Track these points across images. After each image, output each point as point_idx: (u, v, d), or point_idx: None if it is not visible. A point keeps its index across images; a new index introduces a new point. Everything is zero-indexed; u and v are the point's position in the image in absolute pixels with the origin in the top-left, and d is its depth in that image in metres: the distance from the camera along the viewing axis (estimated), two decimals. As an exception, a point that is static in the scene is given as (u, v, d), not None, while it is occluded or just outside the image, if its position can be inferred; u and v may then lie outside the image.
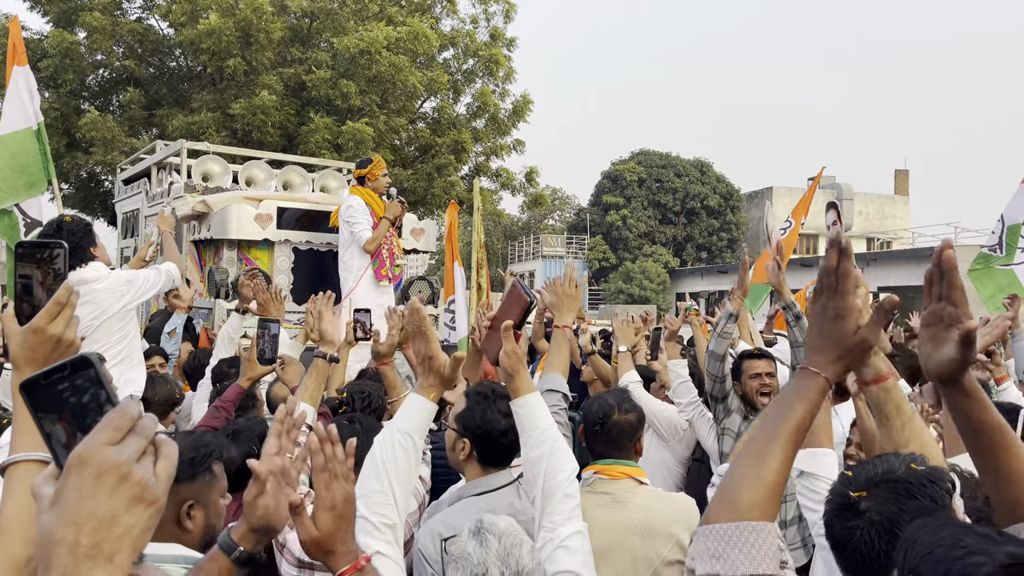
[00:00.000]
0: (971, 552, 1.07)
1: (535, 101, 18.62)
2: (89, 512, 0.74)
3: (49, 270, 1.43)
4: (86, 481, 0.75)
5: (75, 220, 3.72)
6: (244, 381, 3.65)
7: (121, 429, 0.78)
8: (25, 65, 5.40)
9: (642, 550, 2.50)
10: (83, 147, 15.85)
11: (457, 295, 5.18)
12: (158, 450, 0.81)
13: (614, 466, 2.64)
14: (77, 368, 0.83)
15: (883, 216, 44.81)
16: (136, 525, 0.76)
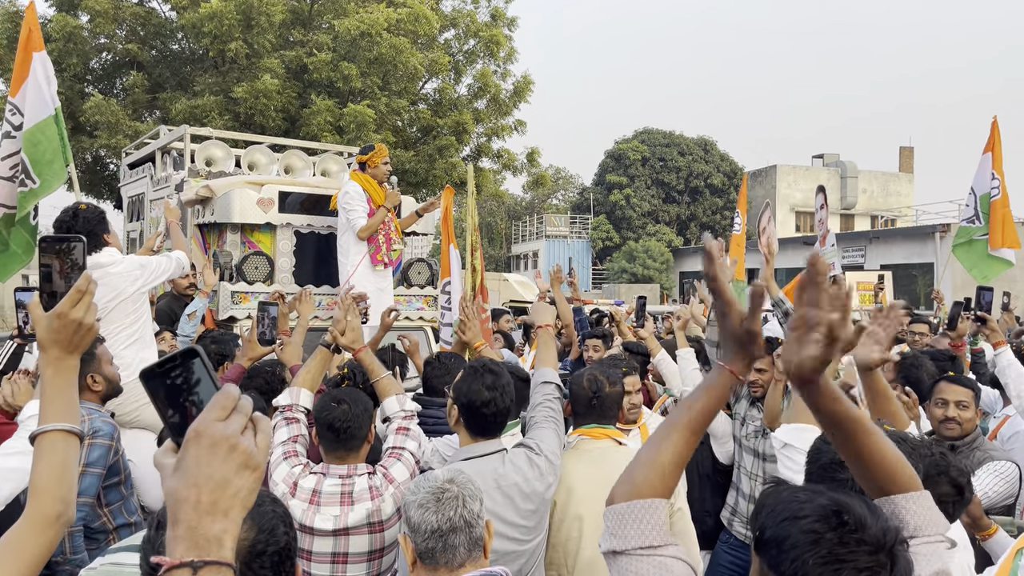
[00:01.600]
0: (801, 502, 1.29)
1: (537, 81, 18.67)
2: (207, 476, 0.91)
3: (67, 260, 1.59)
4: (203, 450, 0.92)
5: (90, 208, 3.89)
6: (245, 361, 3.81)
7: (227, 408, 0.94)
8: (43, 50, 5.48)
9: None
10: (88, 131, 15.98)
11: (452, 277, 5.33)
12: (256, 425, 0.97)
13: (596, 429, 2.94)
14: (187, 357, 1.00)
15: (887, 194, 44.70)
16: (244, 487, 0.93)
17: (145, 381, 1.00)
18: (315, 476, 2.77)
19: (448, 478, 1.98)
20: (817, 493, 1.32)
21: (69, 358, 1.55)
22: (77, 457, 1.53)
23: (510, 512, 2.55)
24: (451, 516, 1.90)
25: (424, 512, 1.91)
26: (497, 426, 2.70)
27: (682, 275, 40.48)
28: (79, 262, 1.60)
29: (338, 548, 2.67)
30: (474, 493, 1.96)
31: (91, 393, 3.14)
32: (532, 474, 2.63)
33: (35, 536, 1.40)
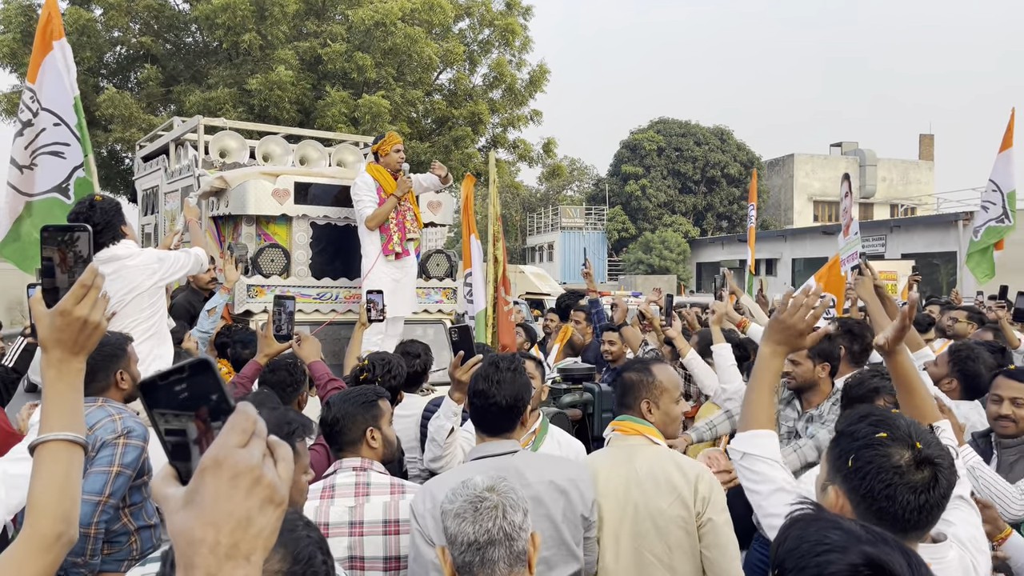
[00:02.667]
0: (829, 550, 1.14)
1: (552, 71, 18.47)
2: (227, 513, 0.77)
3: (70, 252, 1.44)
4: (223, 483, 0.77)
5: (106, 199, 3.80)
6: (261, 358, 3.69)
7: (247, 432, 0.80)
8: (63, 38, 5.40)
9: (644, 504, 2.55)
10: (102, 125, 15.95)
11: (474, 268, 5.19)
12: (274, 453, 0.83)
13: (627, 422, 2.74)
14: (196, 371, 0.84)
15: (907, 182, 44.15)
16: (267, 526, 0.79)
17: (144, 394, 0.84)
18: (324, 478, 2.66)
19: (488, 485, 1.83)
20: (851, 538, 1.15)
21: (74, 360, 1.40)
22: (80, 470, 1.38)
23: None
24: (489, 528, 1.76)
25: (461, 523, 1.77)
26: (491, 423, 2.57)
27: (699, 266, 40.17)
28: (83, 254, 1.45)
29: (354, 551, 2.54)
30: (516, 503, 1.81)
31: (117, 391, 3.05)
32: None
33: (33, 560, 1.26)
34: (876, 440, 1.59)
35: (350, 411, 2.70)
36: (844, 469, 1.61)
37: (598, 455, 2.81)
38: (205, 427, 0.83)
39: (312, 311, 5.78)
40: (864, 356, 3.79)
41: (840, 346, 3.67)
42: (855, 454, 1.59)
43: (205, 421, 0.84)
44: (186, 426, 0.84)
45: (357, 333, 4.49)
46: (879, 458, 1.56)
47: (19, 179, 5.37)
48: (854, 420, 1.66)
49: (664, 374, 2.80)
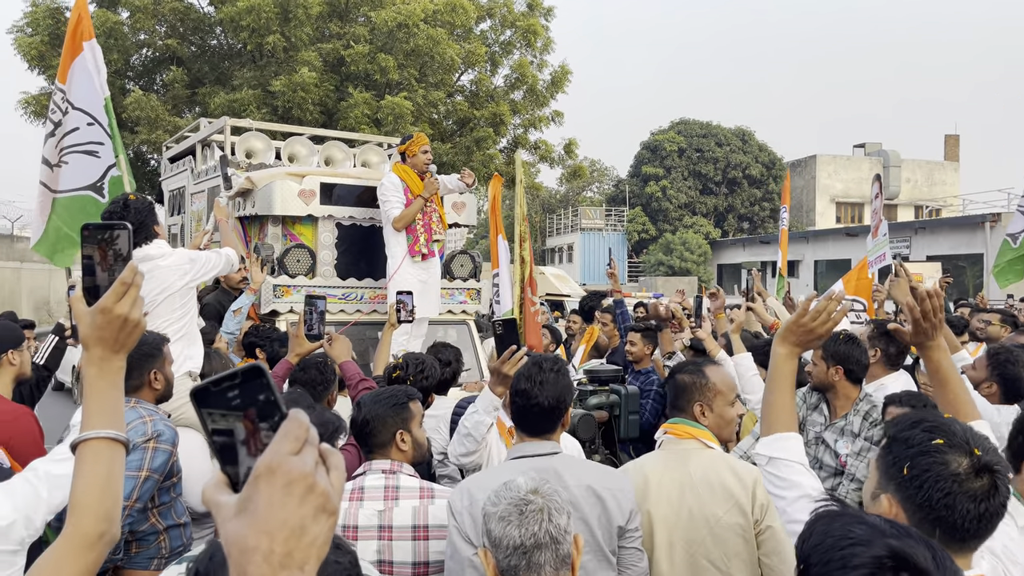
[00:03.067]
0: (853, 543, 1.13)
1: (573, 71, 18.43)
2: (281, 521, 0.75)
3: (110, 251, 1.44)
4: (276, 491, 0.76)
5: (140, 199, 3.81)
6: (293, 357, 3.70)
7: (300, 439, 0.79)
8: (93, 39, 5.44)
9: (699, 509, 2.49)
10: (129, 127, 16.11)
11: (501, 268, 5.16)
12: (326, 460, 0.81)
13: (680, 425, 2.67)
14: (248, 377, 0.83)
15: (932, 183, 43.62)
16: (321, 535, 0.78)
17: (196, 401, 0.83)
18: (353, 479, 2.65)
19: (532, 488, 1.81)
20: (876, 532, 1.15)
21: (114, 358, 1.40)
22: (122, 468, 1.38)
23: None
24: (535, 531, 1.74)
25: (506, 526, 1.75)
26: (533, 424, 2.54)
27: (720, 267, 39.92)
28: (123, 252, 1.45)
29: (383, 555, 2.53)
30: (561, 506, 1.79)
31: (150, 392, 3.06)
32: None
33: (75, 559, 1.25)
34: (932, 447, 1.54)
35: (380, 413, 2.69)
36: (898, 477, 1.56)
37: (649, 459, 2.73)
38: (253, 428, 0.82)
39: (337, 311, 5.80)
40: (900, 359, 3.72)
41: (863, 350, 3.56)
42: (910, 462, 1.55)
43: (253, 422, 0.82)
44: (233, 426, 0.83)
45: (387, 334, 4.48)
46: (936, 466, 1.52)
47: (49, 176, 5.43)
48: (906, 426, 1.62)
49: (718, 376, 2.73)
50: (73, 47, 5.36)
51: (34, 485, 1.95)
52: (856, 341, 3.54)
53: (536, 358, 2.61)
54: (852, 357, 3.48)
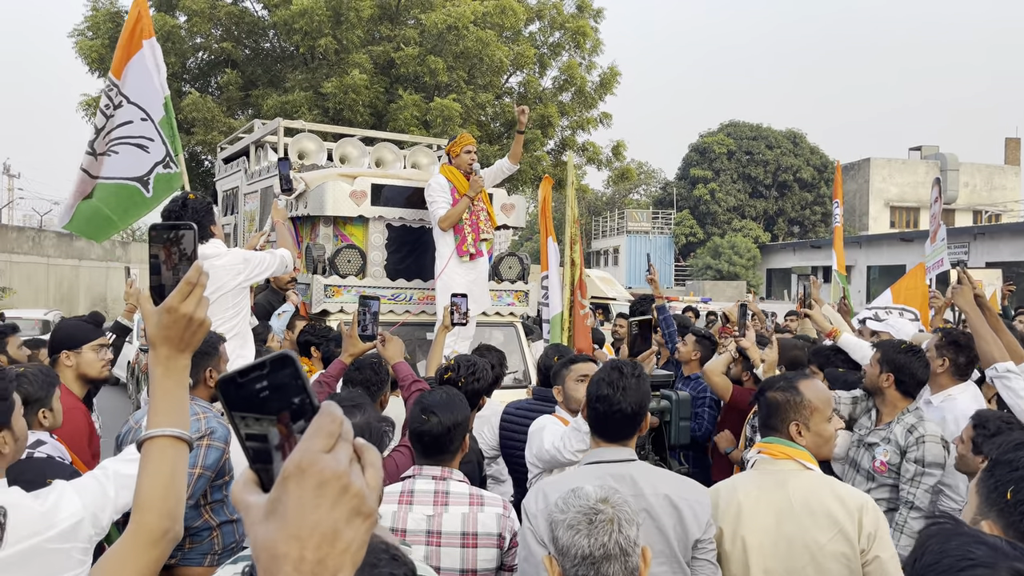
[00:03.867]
0: (976, 565, 1.06)
1: (622, 73, 18.32)
2: (312, 525, 0.70)
3: (175, 250, 1.45)
4: (307, 492, 0.71)
5: (198, 199, 3.88)
6: (346, 357, 3.71)
7: (333, 435, 0.73)
8: (152, 37, 5.55)
9: (800, 536, 2.36)
10: (185, 128, 16.47)
11: (551, 271, 5.13)
12: (362, 457, 0.76)
13: (775, 445, 2.52)
14: (277, 367, 0.78)
15: (992, 187, 42.35)
16: (356, 539, 0.72)
17: (222, 391, 0.77)
18: (402, 481, 2.64)
19: (602, 497, 1.76)
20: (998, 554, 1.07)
21: (180, 357, 1.41)
22: (186, 466, 1.39)
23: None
24: (605, 542, 1.69)
25: (574, 535, 1.70)
26: (614, 430, 2.48)
27: (769, 272, 39.29)
28: (188, 252, 1.46)
29: (430, 560, 2.52)
30: (631, 517, 1.75)
31: (204, 389, 3.10)
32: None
33: (139, 556, 1.26)
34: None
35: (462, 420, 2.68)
36: (1000, 503, 1.48)
37: (742, 480, 2.57)
38: (287, 432, 0.77)
39: (386, 312, 5.83)
40: (969, 369, 3.59)
41: (923, 364, 3.42)
42: (1015, 486, 1.46)
43: (287, 426, 0.77)
44: (267, 431, 0.77)
45: (440, 336, 4.47)
46: None
47: (92, 164, 5.53)
48: (1011, 448, 1.53)
49: (813, 391, 2.56)
50: (131, 44, 5.45)
51: (103, 484, 1.97)
52: (917, 354, 3.43)
53: (616, 363, 2.55)
54: (906, 368, 3.37)
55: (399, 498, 2.57)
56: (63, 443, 3.17)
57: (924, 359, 3.43)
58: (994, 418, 2.87)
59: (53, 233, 29.82)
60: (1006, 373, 3.22)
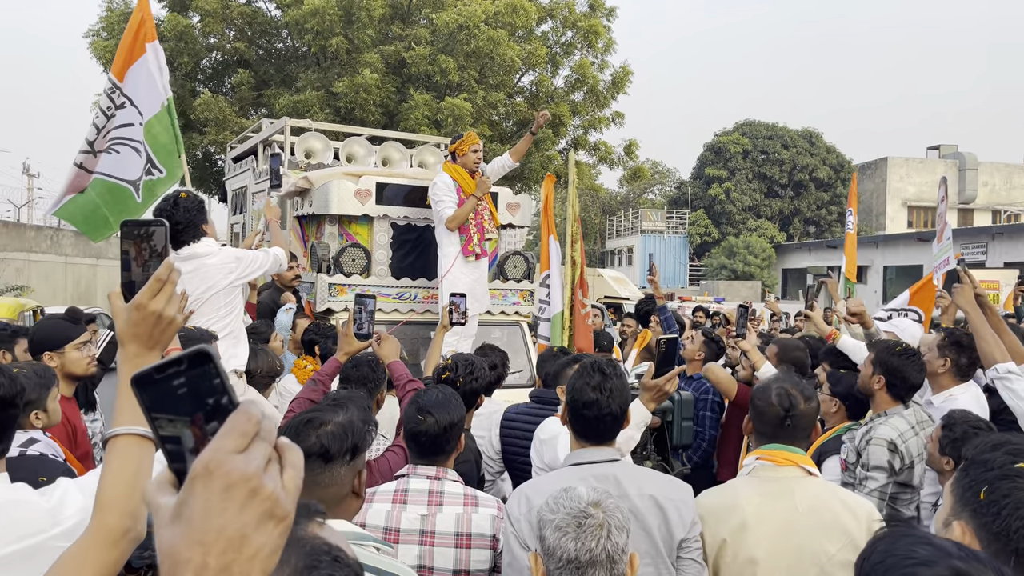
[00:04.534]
0: (916, 563, 1.09)
1: (634, 72, 18.24)
2: (218, 530, 0.67)
3: (145, 247, 1.44)
4: (213, 495, 0.68)
5: (190, 197, 3.87)
6: (341, 356, 3.70)
7: (247, 435, 0.70)
8: (155, 40, 5.57)
9: (808, 546, 2.32)
10: (198, 128, 16.57)
11: (552, 270, 5.09)
12: (283, 458, 0.73)
13: (779, 451, 2.46)
14: (194, 363, 0.75)
15: (1011, 187, 41.87)
16: (267, 544, 0.69)
17: (137, 388, 0.75)
18: (396, 480, 2.62)
19: (594, 500, 1.71)
20: (941, 553, 1.08)
21: (149, 354, 1.39)
22: (151, 466, 1.38)
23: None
24: (592, 547, 1.65)
25: (562, 537, 1.66)
26: (602, 432, 2.45)
27: (785, 272, 39.03)
28: (158, 249, 1.45)
29: (423, 560, 2.50)
30: (621, 524, 1.70)
31: None
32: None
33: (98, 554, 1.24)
34: (1014, 471, 1.43)
35: (458, 420, 2.65)
36: (974, 503, 1.45)
37: (742, 489, 2.49)
38: (201, 435, 0.73)
39: (391, 310, 5.83)
40: (971, 370, 3.53)
41: (916, 369, 3.35)
42: (988, 486, 1.44)
43: (201, 428, 0.74)
44: (181, 432, 0.74)
45: (439, 336, 4.46)
46: (1017, 491, 1.41)
47: (89, 160, 5.56)
48: (987, 448, 1.51)
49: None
50: (134, 47, 5.47)
51: None
52: (912, 357, 3.35)
53: (596, 365, 2.49)
54: (899, 371, 3.29)
55: (393, 497, 2.56)
56: (56, 440, 3.17)
57: (919, 363, 3.35)
58: (961, 420, 2.81)
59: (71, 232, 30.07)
60: (1007, 374, 3.17)
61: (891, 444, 3.16)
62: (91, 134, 5.57)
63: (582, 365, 2.51)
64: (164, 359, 0.75)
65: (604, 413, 2.40)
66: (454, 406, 2.69)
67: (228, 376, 0.77)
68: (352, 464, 1.98)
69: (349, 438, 1.98)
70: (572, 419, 2.47)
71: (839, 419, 3.85)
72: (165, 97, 5.49)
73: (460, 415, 2.71)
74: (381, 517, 2.51)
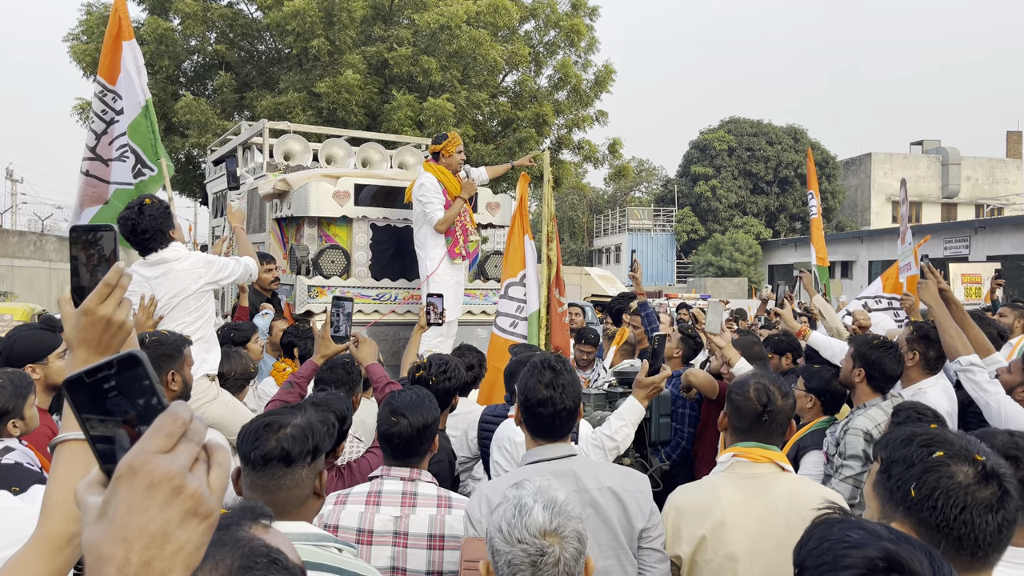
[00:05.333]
0: (848, 546, 1.12)
1: (619, 71, 18.28)
2: (140, 527, 0.70)
3: (93, 252, 1.43)
4: (136, 493, 0.71)
5: (154, 203, 3.84)
6: (318, 358, 3.69)
7: (173, 436, 0.73)
8: (132, 39, 5.54)
9: (788, 541, 2.33)
10: (180, 131, 16.47)
11: (528, 269, 5.10)
12: (211, 457, 0.76)
13: (755, 448, 2.48)
14: (125, 366, 0.77)
15: (994, 181, 42.21)
16: (190, 541, 0.72)
17: (69, 392, 0.77)
18: (370, 482, 2.61)
19: (551, 527, 1.62)
20: (872, 536, 1.13)
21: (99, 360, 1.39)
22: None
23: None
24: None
25: (515, 573, 1.61)
26: (557, 428, 2.46)
27: (771, 268, 39.20)
28: (106, 253, 1.43)
29: (396, 562, 2.49)
30: (577, 551, 1.64)
31: (167, 392, 3.06)
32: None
33: (43, 560, 1.22)
34: (935, 461, 1.45)
35: (432, 421, 2.64)
36: (906, 501, 1.46)
37: (720, 485, 2.48)
38: (135, 434, 0.76)
39: (371, 312, 5.82)
40: (939, 363, 3.58)
41: (895, 360, 3.45)
42: (916, 481, 1.45)
43: (135, 427, 0.77)
44: (114, 432, 0.77)
45: (416, 336, 4.47)
46: (944, 480, 1.42)
47: (98, 168, 5.55)
48: (899, 445, 1.52)
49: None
50: (116, 48, 5.46)
51: None
52: (890, 349, 3.44)
53: (546, 361, 2.50)
54: (877, 364, 3.40)
55: (367, 498, 2.55)
56: (32, 448, 3.15)
57: (896, 354, 3.45)
58: (908, 407, 2.86)
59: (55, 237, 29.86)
60: (969, 366, 3.24)
61: (867, 434, 3.24)
62: (91, 140, 5.56)
63: (532, 363, 2.50)
64: (95, 363, 0.78)
65: (559, 409, 2.40)
66: (428, 407, 2.68)
67: (157, 379, 0.79)
68: (313, 465, 1.98)
69: (309, 440, 1.98)
70: (526, 418, 2.46)
71: (814, 415, 3.88)
72: (144, 98, 5.48)
73: (434, 416, 2.70)
74: (354, 519, 2.50)
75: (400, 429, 2.60)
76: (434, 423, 2.69)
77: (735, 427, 2.55)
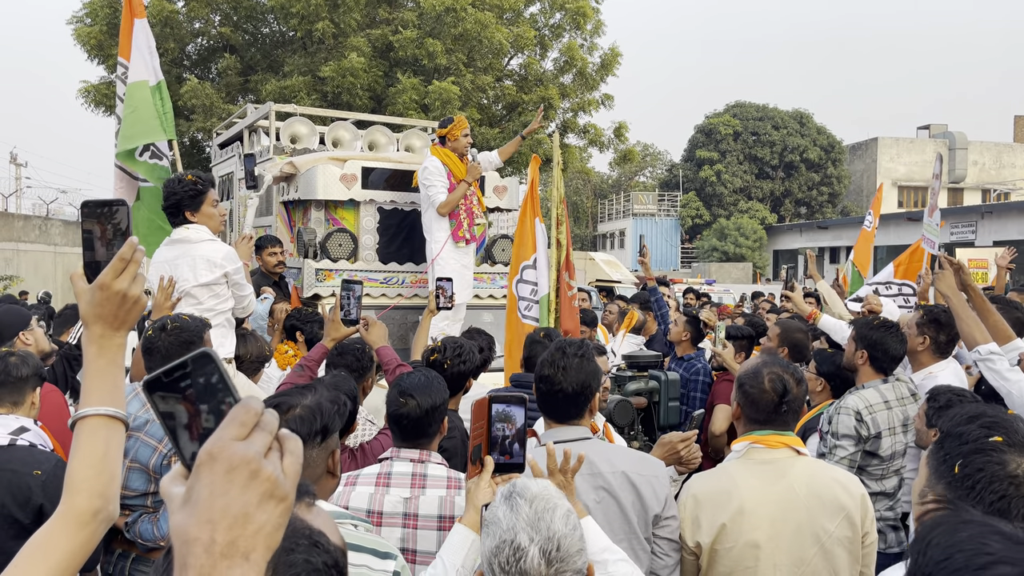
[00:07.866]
0: (997, 561, 0.93)
1: (624, 54, 18.16)
2: (222, 509, 0.74)
3: (109, 226, 1.42)
4: (217, 477, 0.75)
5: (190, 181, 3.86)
6: (328, 342, 3.69)
7: (247, 425, 0.78)
8: (143, 18, 5.51)
9: (808, 525, 2.34)
10: (184, 115, 16.43)
11: (539, 252, 5.08)
12: (283, 445, 0.81)
13: (771, 435, 2.46)
14: (199, 364, 0.83)
15: (1000, 166, 41.97)
16: (269, 522, 0.76)
17: (148, 392, 0.82)
18: (380, 463, 2.61)
19: (545, 557, 1.50)
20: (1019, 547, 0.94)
21: (115, 335, 1.37)
22: (120, 446, 1.37)
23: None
24: None
25: None
26: (559, 409, 2.46)
27: (776, 253, 39.10)
28: (122, 227, 1.42)
29: (407, 543, 2.50)
30: (577, 550, 1.54)
31: None
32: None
33: (68, 536, 1.24)
34: (989, 445, 1.40)
35: (441, 403, 2.64)
36: (948, 476, 1.42)
37: (737, 471, 2.47)
38: (194, 410, 0.82)
39: (379, 295, 5.82)
40: (950, 347, 3.56)
41: (898, 340, 3.43)
42: (963, 459, 1.41)
43: (193, 403, 0.82)
44: (174, 408, 0.82)
45: (425, 320, 4.46)
46: (992, 465, 1.38)
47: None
48: (962, 420, 1.48)
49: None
50: (129, 25, 5.46)
51: None
52: (891, 330, 3.43)
53: (560, 343, 2.51)
54: (879, 345, 3.39)
55: (376, 480, 2.55)
56: (46, 430, 3.16)
57: (899, 335, 3.44)
58: (945, 391, 2.85)
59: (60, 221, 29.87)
60: (989, 355, 3.20)
61: (857, 414, 3.27)
62: (118, 124, 5.56)
63: (555, 344, 2.52)
64: (170, 364, 0.83)
65: (556, 390, 2.41)
66: (436, 389, 2.68)
67: (228, 374, 0.84)
68: (324, 445, 1.98)
69: (318, 420, 1.98)
70: (537, 397, 2.48)
71: (824, 397, 3.88)
72: (156, 79, 5.47)
73: (443, 398, 2.70)
74: (364, 500, 2.50)
75: (409, 410, 2.60)
76: (443, 404, 2.69)
77: (750, 418, 2.51)
